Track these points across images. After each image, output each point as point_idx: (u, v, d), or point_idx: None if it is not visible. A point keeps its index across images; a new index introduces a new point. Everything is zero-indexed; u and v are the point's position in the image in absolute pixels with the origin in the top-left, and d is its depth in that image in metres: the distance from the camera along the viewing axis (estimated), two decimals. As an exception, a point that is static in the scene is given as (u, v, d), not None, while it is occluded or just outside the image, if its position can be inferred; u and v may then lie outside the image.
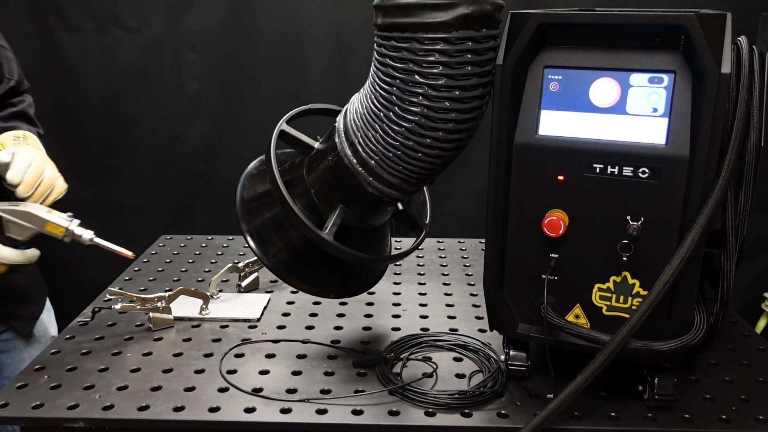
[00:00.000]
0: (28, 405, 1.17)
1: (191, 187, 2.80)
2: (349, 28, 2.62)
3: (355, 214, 1.24)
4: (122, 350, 1.37)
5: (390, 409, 1.16)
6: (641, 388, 1.18)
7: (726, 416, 1.15)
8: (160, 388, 1.23)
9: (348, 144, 1.17)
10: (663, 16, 1.01)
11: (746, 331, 1.47)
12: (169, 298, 1.48)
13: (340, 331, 1.47)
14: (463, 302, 1.62)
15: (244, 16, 2.61)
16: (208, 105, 2.72)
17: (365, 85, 1.16)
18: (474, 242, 2.05)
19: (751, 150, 1.06)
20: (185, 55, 2.65)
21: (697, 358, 1.33)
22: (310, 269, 1.31)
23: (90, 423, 1.15)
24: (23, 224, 1.37)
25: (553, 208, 1.12)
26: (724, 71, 0.97)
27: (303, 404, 1.18)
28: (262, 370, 1.30)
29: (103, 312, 1.49)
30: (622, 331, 1.03)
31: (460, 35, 1.03)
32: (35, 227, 1.37)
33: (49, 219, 1.37)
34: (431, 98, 1.06)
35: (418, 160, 1.12)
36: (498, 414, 1.16)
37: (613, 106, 1.07)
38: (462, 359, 1.34)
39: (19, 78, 1.71)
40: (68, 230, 1.38)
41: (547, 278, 1.14)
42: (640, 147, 1.05)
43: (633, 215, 1.07)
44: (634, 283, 1.10)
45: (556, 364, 1.14)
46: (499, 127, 1.12)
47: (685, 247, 1.01)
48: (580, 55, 1.08)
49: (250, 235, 1.29)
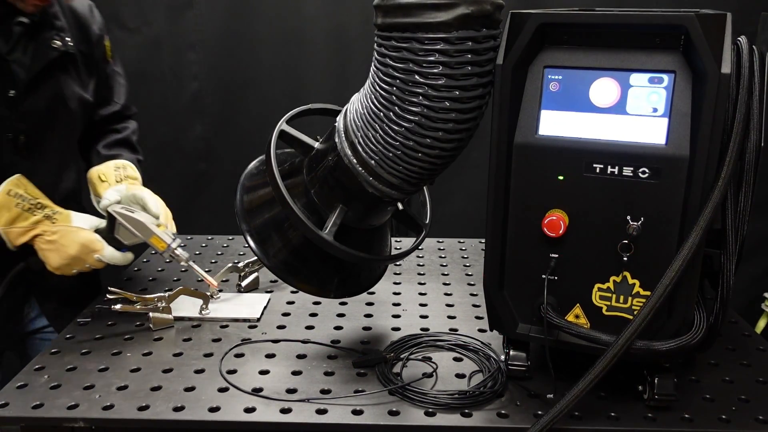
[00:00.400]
0: (28, 405, 1.17)
1: (191, 187, 2.80)
2: (349, 28, 2.62)
3: (355, 214, 1.24)
4: (122, 350, 1.37)
5: (390, 409, 1.16)
6: (641, 388, 1.18)
7: (726, 416, 1.15)
8: (160, 388, 1.23)
9: (348, 144, 1.17)
10: (663, 16, 1.01)
11: (746, 331, 1.47)
12: (169, 298, 1.48)
13: (340, 331, 1.47)
14: (463, 302, 1.62)
15: (244, 16, 2.61)
16: (208, 105, 2.72)
17: (365, 85, 1.16)
18: (474, 242, 2.05)
19: (751, 150, 1.05)
20: (185, 55, 2.65)
21: (697, 358, 1.33)
22: (310, 269, 1.31)
23: (90, 423, 1.15)
24: (132, 231, 1.49)
25: (553, 208, 1.12)
26: (724, 71, 0.97)
27: (303, 404, 1.18)
28: (262, 370, 1.30)
29: (102, 312, 1.49)
30: (625, 334, 1.03)
31: (460, 35, 1.02)
32: (141, 236, 1.50)
33: (156, 233, 1.49)
34: (431, 98, 1.06)
35: (418, 160, 1.12)
36: (498, 414, 1.16)
37: (613, 106, 1.07)
38: (462, 359, 1.34)
39: (126, 103, 1.82)
40: (169, 247, 1.49)
41: (547, 278, 1.14)
42: (640, 147, 1.05)
43: (633, 215, 1.07)
44: (634, 283, 1.10)
45: (556, 364, 1.14)
46: (499, 127, 1.12)
47: (686, 249, 1.01)
48: (580, 55, 1.08)
49: (250, 235, 1.29)
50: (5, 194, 1.43)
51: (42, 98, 1.54)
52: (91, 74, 1.69)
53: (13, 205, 1.43)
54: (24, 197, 1.45)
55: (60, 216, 1.47)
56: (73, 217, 1.49)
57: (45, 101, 1.55)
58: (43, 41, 1.52)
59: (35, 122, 1.55)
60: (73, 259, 1.46)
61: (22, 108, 1.51)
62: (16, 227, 1.44)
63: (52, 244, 1.45)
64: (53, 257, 1.46)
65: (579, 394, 1.04)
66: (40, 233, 1.45)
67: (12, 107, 1.50)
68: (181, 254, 1.51)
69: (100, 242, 1.48)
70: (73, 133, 1.68)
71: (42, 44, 1.52)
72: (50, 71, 1.54)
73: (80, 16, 1.65)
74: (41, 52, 1.52)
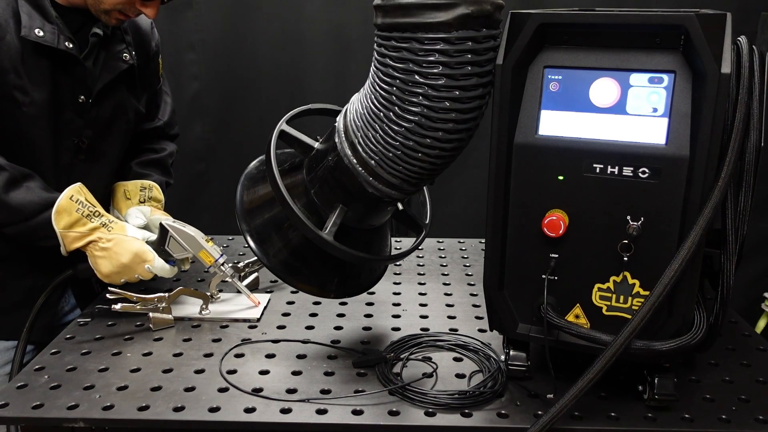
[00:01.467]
0: (28, 405, 1.17)
1: (191, 187, 2.80)
2: (349, 28, 2.62)
3: (355, 214, 1.24)
4: (122, 350, 1.37)
5: (390, 409, 1.16)
6: (641, 388, 1.18)
7: (726, 416, 1.15)
8: (160, 388, 1.23)
9: (348, 144, 1.17)
10: (663, 16, 1.01)
11: (746, 331, 1.47)
12: (169, 298, 1.48)
13: (340, 331, 1.47)
14: (463, 302, 1.62)
15: (244, 16, 2.61)
16: (208, 105, 2.72)
17: (365, 85, 1.16)
18: (474, 242, 2.05)
19: (751, 150, 1.05)
20: (185, 56, 2.65)
21: (697, 358, 1.33)
22: (310, 269, 1.31)
23: (90, 423, 1.15)
24: (183, 244, 1.56)
25: (553, 208, 1.12)
26: (724, 71, 0.97)
27: (303, 404, 1.18)
28: (262, 370, 1.30)
29: (103, 312, 1.49)
30: (623, 333, 1.03)
31: (460, 35, 1.02)
32: (190, 250, 1.56)
33: (206, 247, 1.56)
34: (431, 98, 1.06)
35: (418, 160, 1.12)
36: (498, 414, 1.16)
37: (613, 106, 1.07)
38: (462, 359, 1.34)
39: (169, 122, 1.90)
40: (216, 262, 1.55)
41: (547, 278, 1.14)
42: (640, 147, 1.05)
43: (633, 215, 1.07)
44: (634, 283, 1.10)
45: (556, 364, 1.14)
46: (499, 127, 1.12)
47: (685, 248, 1.01)
48: (580, 55, 1.08)
49: (250, 236, 1.29)
50: (68, 199, 1.49)
51: (107, 107, 1.63)
52: (145, 88, 1.78)
53: (74, 210, 1.48)
54: (84, 204, 1.50)
55: (116, 225, 1.53)
56: (127, 228, 1.55)
57: (109, 110, 1.64)
58: (114, 53, 1.61)
59: (98, 129, 1.63)
60: (125, 267, 1.50)
61: (89, 115, 1.59)
62: (74, 231, 1.48)
63: (106, 251, 1.50)
64: (105, 264, 1.50)
65: (578, 393, 1.04)
66: (95, 240, 1.50)
67: (81, 113, 1.58)
68: (227, 270, 1.56)
69: (151, 253, 1.53)
70: (126, 142, 1.76)
71: (113, 56, 1.61)
72: (116, 83, 1.63)
73: (142, 32, 1.75)
74: (112, 64, 1.61)
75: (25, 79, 1.47)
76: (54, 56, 1.49)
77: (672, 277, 1.02)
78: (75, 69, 1.53)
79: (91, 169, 1.65)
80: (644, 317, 1.02)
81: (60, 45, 1.48)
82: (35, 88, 1.48)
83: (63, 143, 1.58)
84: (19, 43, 1.45)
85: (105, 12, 1.50)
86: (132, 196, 1.74)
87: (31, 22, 1.45)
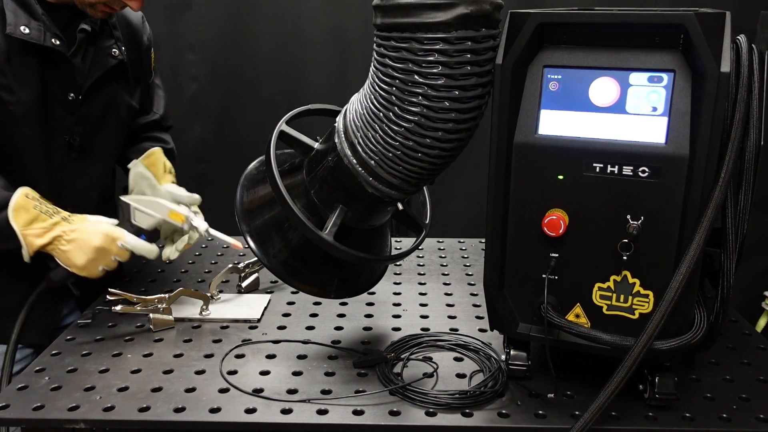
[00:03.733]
0: (29, 406, 1.17)
1: (191, 188, 2.79)
2: (349, 28, 2.61)
3: (355, 215, 1.24)
4: (123, 351, 1.37)
5: (391, 409, 1.16)
6: (642, 387, 1.18)
7: (727, 415, 1.15)
8: (160, 389, 1.23)
9: (348, 144, 1.17)
10: (662, 15, 1.01)
11: (747, 329, 1.47)
12: (169, 299, 1.48)
13: (340, 332, 1.47)
14: (464, 302, 1.62)
15: (243, 16, 2.61)
16: (207, 105, 2.71)
17: (365, 86, 1.16)
18: (474, 242, 2.05)
19: (750, 149, 1.05)
20: (185, 56, 2.65)
21: (698, 357, 1.33)
22: (310, 270, 1.31)
23: (91, 424, 1.15)
24: (148, 212, 1.52)
25: (552, 207, 1.12)
26: (723, 70, 0.97)
27: (304, 405, 1.18)
28: (263, 371, 1.30)
29: (103, 313, 1.49)
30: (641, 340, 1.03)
31: (460, 35, 1.02)
32: (159, 215, 1.52)
33: (172, 207, 1.53)
34: (431, 98, 1.05)
35: (418, 160, 1.12)
36: (499, 414, 1.16)
37: (612, 106, 1.07)
38: (462, 359, 1.34)
39: (164, 114, 1.89)
40: (188, 218, 1.53)
41: (547, 278, 1.14)
42: (639, 146, 1.05)
43: (633, 214, 1.07)
44: (635, 282, 1.10)
45: (556, 363, 1.14)
46: (499, 127, 1.12)
47: (692, 251, 1.01)
48: (579, 55, 1.08)
49: (250, 236, 1.29)
50: (23, 196, 1.43)
51: (97, 104, 1.61)
52: (138, 83, 1.76)
53: (32, 207, 1.42)
54: (41, 201, 1.45)
55: (76, 217, 1.48)
56: (89, 217, 1.50)
57: (100, 107, 1.62)
58: (102, 49, 1.60)
59: (89, 126, 1.61)
60: (98, 251, 1.44)
61: (79, 112, 1.57)
62: (35, 228, 1.42)
63: (74, 242, 1.43)
64: (78, 255, 1.44)
65: (601, 406, 1.04)
66: (59, 235, 1.43)
67: (71, 110, 1.56)
68: (200, 224, 1.53)
69: (120, 230, 1.48)
70: (120, 138, 1.74)
71: (101, 52, 1.59)
72: (106, 79, 1.61)
73: (133, 26, 1.73)
74: (101, 60, 1.59)
75: (10, 77, 1.44)
76: (41, 53, 1.47)
77: (681, 282, 1.01)
78: (63, 66, 1.51)
79: (85, 167, 1.63)
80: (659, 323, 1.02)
81: (47, 42, 1.45)
82: (22, 86, 1.46)
83: (54, 142, 1.56)
84: (5, 41, 1.43)
85: (90, 5, 1.48)
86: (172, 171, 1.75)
87: (17, 20, 1.43)
